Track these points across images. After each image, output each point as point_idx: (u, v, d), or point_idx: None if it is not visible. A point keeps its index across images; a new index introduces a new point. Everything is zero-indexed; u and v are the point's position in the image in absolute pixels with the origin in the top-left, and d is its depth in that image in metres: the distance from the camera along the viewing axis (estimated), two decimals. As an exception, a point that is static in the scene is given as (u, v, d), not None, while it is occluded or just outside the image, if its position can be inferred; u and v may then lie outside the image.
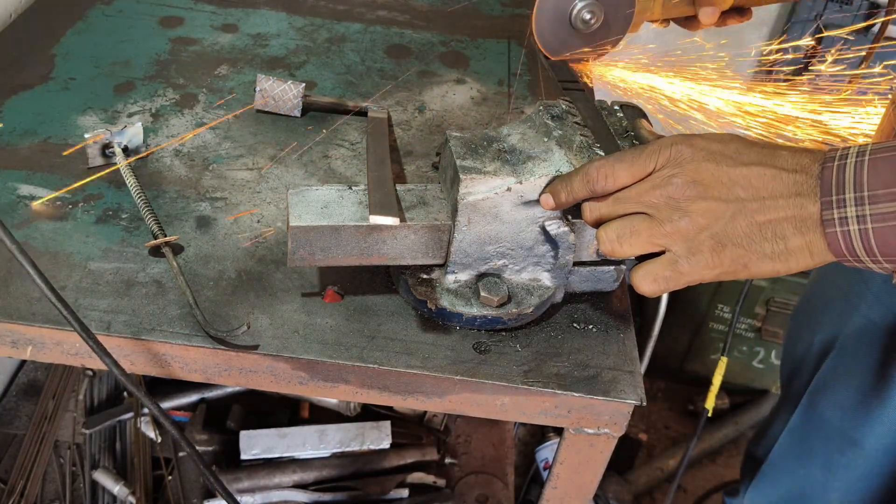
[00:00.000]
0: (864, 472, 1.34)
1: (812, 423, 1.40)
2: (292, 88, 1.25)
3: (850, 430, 1.32)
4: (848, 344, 1.31)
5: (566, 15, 1.08)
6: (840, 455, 1.35)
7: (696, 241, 0.76)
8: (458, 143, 0.91)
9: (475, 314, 0.93)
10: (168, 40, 1.44)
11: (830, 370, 1.35)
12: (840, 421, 1.33)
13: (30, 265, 0.77)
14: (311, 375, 0.92)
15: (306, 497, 1.64)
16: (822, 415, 1.37)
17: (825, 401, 1.37)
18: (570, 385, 0.91)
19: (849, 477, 1.36)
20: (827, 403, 1.36)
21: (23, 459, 1.61)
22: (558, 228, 0.90)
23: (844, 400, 1.32)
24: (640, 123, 0.96)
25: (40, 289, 0.77)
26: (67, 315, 0.79)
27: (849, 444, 1.33)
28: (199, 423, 1.73)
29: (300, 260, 0.89)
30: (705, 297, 2.36)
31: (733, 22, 1.17)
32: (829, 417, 1.36)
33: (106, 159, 1.12)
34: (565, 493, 1.03)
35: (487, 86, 1.41)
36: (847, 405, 1.32)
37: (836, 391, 1.34)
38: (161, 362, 0.93)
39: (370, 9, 1.63)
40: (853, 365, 1.30)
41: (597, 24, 1.08)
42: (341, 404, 1.79)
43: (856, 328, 1.29)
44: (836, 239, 0.71)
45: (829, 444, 1.37)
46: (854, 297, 1.29)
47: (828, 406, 1.36)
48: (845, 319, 1.31)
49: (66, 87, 1.29)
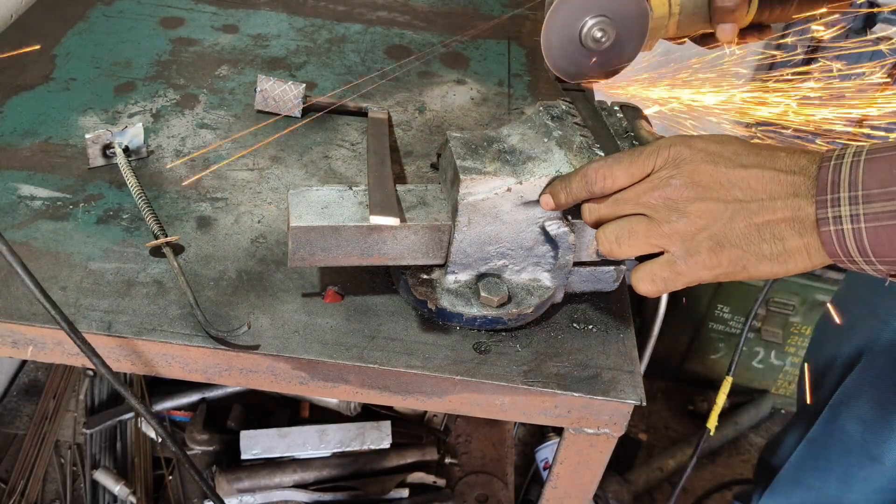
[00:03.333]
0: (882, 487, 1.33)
1: (832, 435, 1.39)
2: (293, 89, 1.25)
3: (870, 444, 1.31)
4: (875, 359, 1.30)
5: (576, 33, 1.03)
6: (858, 469, 1.34)
7: (694, 241, 0.76)
8: (459, 144, 0.92)
9: (475, 314, 0.93)
10: (169, 41, 1.44)
11: (855, 384, 1.34)
12: (861, 435, 1.32)
13: (17, 263, 0.76)
14: (312, 375, 0.93)
15: (307, 497, 1.64)
16: (842, 427, 1.36)
17: (847, 414, 1.35)
18: (570, 385, 0.91)
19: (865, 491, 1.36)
20: (849, 416, 1.35)
21: (23, 459, 1.61)
22: (558, 229, 0.90)
23: (867, 414, 1.31)
24: (640, 124, 0.97)
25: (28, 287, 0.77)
26: (54, 313, 0.79)
27: (868, 458, 1.32)
28: (199, 423, 1.73)
29: (300, 260, 0.89)
30: (705, 298, 2.36)
31: (752, 39, 1.13)
32: (849, 430, 1.34)
33: (107, 160, 1.13)
34: (565, 493, 1.03)
35: (487, 86, 1.41)
36: (869, 420, 1.31)
37: (859, 405, 1.33)
38: (162, 362, 0.93)
39: (370, 9, 1.63)
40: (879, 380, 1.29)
41: (608, 43, 1.03)
42: (341, 404, 1.79)
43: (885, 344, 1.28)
44: (829, 238, 0.71)
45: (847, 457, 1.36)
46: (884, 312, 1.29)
47: (849, 419, 1.35)
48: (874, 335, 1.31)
49: (66, 87, 1.29)
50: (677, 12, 1.07)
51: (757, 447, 2.46)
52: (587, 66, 1.05)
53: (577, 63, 1.05)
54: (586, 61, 1.05)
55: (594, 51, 1.04)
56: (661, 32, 1.09)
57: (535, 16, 1.68)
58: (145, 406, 0.85)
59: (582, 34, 1.03)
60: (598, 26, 1.02)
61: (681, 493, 1.55)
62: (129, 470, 1.66)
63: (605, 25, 1.02)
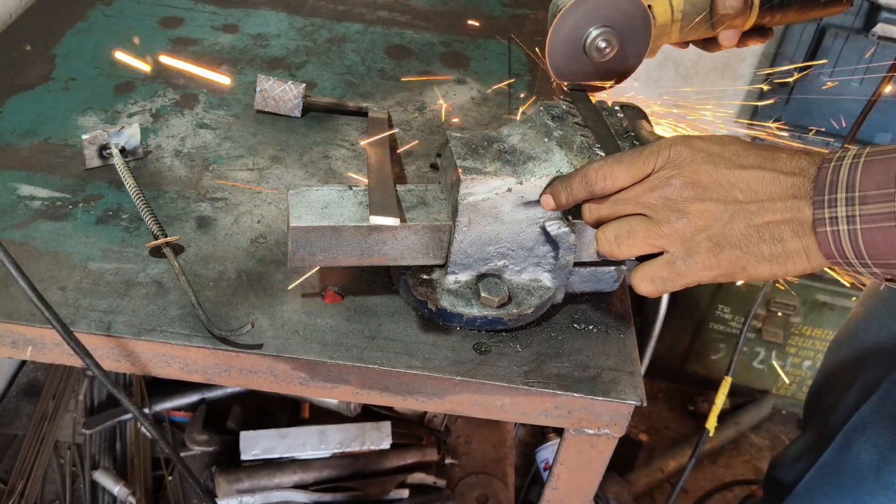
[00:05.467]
0: None
1: (846, 461, 1.38)
2: (292, 89, 1.25)
3: (885, 473, 1.30)
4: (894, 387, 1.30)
5: (580, 43, 1.03)
6: (871, 497, 1.33)
7: (693, 242, 0.76)
8: (459, 144, 0.91)
9: (475, 315, 0.93)
10: (168, 40, 1.44)
11: (872, 411, 1.33)
12: (876, 463, 1.31)
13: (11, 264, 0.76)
14: (312, 376, 0.92)
15: (306, 497, 1.64)
16: (857, 455, 1.35)
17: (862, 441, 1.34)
18: (571, 386, 0.91)
19: None
20: (864, 444, 1.34)
21: (23, 460, 1.61)
22: (559, 229, 0.90)
23: (883, 443, 1.30)
24: (641, 124, 0.96)
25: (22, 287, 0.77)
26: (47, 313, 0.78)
27: (882, 487, 1.31)
28: (199, 424, 1.73)
29: (300, 260, 0.89)
30: (705, 298, 2.36)
31: (754, 43, 1.13)
32: (864, 458, 1.33)
33: (103, 160, 1.12)
34: (566, 494, 1.03)
35: (488, 86, 1.41)
36: (885, 448, 1.29)
37: (875, 433, 1.32)
38: (161, 363, 0.93)
39: (370, 9, 1.63)
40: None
41: (612, 53, 1.03)
42: (341, 405, 1.79)
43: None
44: (826, 239, 0.71)
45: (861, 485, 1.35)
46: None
47: (864, 447, 1.34)
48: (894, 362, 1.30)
49: (66, 87, 1.29)
50: (680, 18, 1.07)
51: (757, 447, 2.45)
52: (592, 75, 1.05)
53: (582, 73, 1.05)
54: (591, 71, 1.05)
55: (598, 60, 1.04)
56: (665, 39, 1.09)
57: (536, 15, 1.67)
58: (136, 405, 0.85)
59: (586, 45, 1.03)
60: (602, 37, 1.02)
61: (681, 494, 1.55)
62: (129, 470, 1.66)
63: (608, 35, 1.02)
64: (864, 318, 1.47)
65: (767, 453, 2.42)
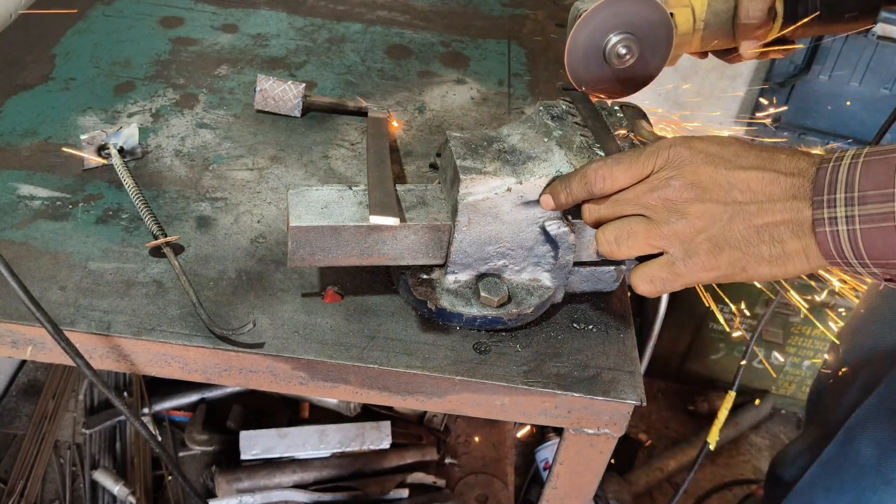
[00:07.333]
0: None
1: (847, 457, 1.39)
2: (292, 88, 1.25)
3: (886, 469, 1.30)
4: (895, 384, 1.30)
5: (600, 49, 1.02)
6: (872, 493, 1.34)
7: (692, 243, 0.76)
8: (459, 144, 0.91)
9: (475, 314, 0.93)
10: (168, 40, 1.44)
11: (873, 407, 1.33)
12: (877, 458, 1.31)
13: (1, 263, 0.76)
14: (311, 375, 0.92)
15: (306, 497, 1.64)
16: (857, 450, 1.35)
17: (863, 436, 1.35)
18: (570, 385, 0.91)
19: None
20: (865, 439, 1.34)
21: (23, 459, 1.61)
22: (558, 229, 0.90)
23: (884, 438, 1.30)
24: (641, 124, 0.96)
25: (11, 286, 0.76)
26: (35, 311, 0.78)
27: (883, 482, 1.31)
28: (198, 424, 1.73)
29: (300, 260, 0.89)
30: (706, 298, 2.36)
31: (776, 55, 1.12)
32: (865, 454, 1.34)
33: (102, 160, 1.12)
34: (565, 494, 1.03)
35: (487, 86, 1.41)
36: (886, 444, 1.30)
37: (876, 428, 1.32)
38: (161, 362, 0.93)
39: (370, 9, 1.63)
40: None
41: (632, 60, 1.02)
42: (341, 404, 1.79)
43: None
44: (825, 239, 0.71)
45: (861, 480, 1.35)
46: None
47: (865, 442, 1.34)
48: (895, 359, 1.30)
49: (66, 87, 1.29)
50: (701, 28, 1.06)
51: (757, 447, 2.46)
52: (611, 82, 1.04)
53: (601, 79, 1.04)
54: (610, 77, 1.04)
55: (618, 67, 1.03)
56: (685, 48, 1.08)
57: (535, 15, 1.67)
58: (127, 405, 0.85)
59: (606, 51, 1.02)
60: (623, 43, 1.01)
61: (681, 494, 1.55)
62: (129, 470, 1.66)
63: (629, 42, 1.01)
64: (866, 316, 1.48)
65: (767, 453, 2.42)
